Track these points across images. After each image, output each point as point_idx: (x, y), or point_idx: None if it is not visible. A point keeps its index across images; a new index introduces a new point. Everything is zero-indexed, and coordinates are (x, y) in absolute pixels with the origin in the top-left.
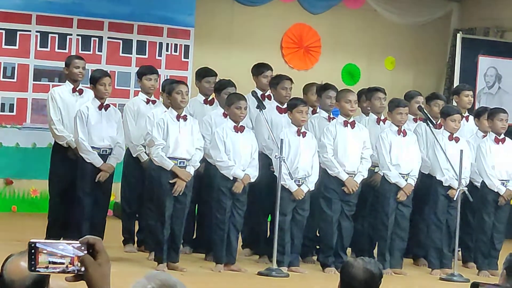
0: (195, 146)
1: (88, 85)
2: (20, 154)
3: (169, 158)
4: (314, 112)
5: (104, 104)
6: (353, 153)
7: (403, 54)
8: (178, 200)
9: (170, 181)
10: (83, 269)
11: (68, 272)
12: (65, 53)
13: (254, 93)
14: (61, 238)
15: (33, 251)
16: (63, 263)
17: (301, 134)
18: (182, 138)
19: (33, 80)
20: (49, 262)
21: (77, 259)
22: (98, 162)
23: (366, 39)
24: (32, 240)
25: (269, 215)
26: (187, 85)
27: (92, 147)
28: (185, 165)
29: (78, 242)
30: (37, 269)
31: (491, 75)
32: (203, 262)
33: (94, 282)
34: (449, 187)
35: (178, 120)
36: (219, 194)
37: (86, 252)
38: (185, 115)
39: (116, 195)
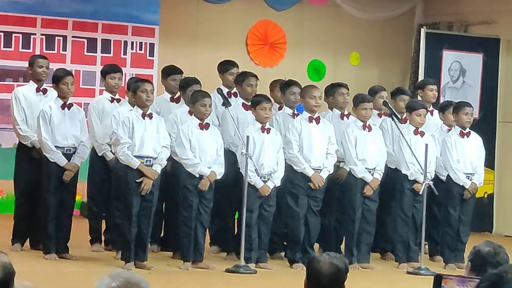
0: (162, 144)
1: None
2: None
3: (135, 156)
4: (280, 108)
5: (67, 103)
6: (318, 148)
7: (368, 49)
8: (145, 198)
9: (137, 180)
10: None
11: None
12: (30, 52)
13: (219, 90)
14: (28, 239)
15: None
16: None
17: (265, 131)
18: (148, 136)
19: None
20: None
21: None
22: (62, 161)
23: (331, 35)
24: None
25: (236, 212)
26: (152, 84)
27: (56, 147)
28: (151, 163)
29: None
30: None
31: (455, 70)
32: (171, 260)
33: None
34: (415, 181)
35: (144, 119)
36: (185, 191)
37: None
38: (150, 113)
39: (82, 194)
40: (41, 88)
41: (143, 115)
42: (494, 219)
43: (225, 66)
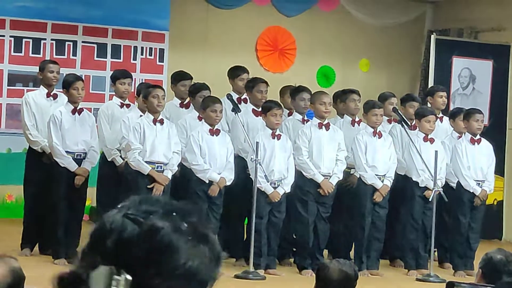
0: (173, 149)
1: (62, 90)
2: None
3: (146, 162)
4: (290, 114)
5: (78, 108)
6: (328, 155)
7: (377, 56)
8: None
9: (148, 186)
10: None
11: None
12: (40, 57)
13: (229, 96)
14: (37, 243)
15: None
16: None
17: (275, 137)
18: (159, 142)
19: (7, 85)
20: None
21: None
22: (72, 166)
23: (341, 41)
24: None
25: (246, 218)
26: (163, 89)
27: (66, 152)
28: (162, 169)
29: None
30: None
31: (465, 76)
32: None
33: None
34: (425, 188)
35: (155, 124)
36: (195, 197)
37: None
38: (161, 119)
39: (92, 199)
40: (51, 93)
41: (154, 121)
42: (503, 226)
43: (235, 72)
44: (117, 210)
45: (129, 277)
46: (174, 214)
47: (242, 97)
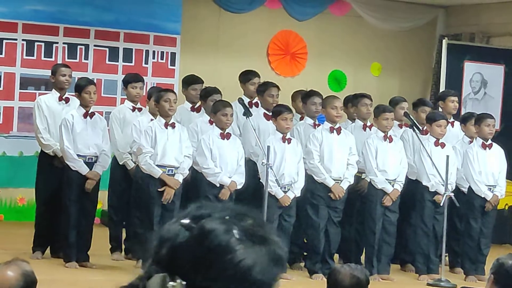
0: (184, 153)
1: (74, 93)
2: (6, 162)
3: (157, 166)
4: (302, 118)
5: (89, 112)
6: (339, 159)
7: (389, 60)
8: (167, 208)
9: (159, 189)
10: None
11: None
12: (52, 61)
13: (240, 100)
14: (48, 247)
15: None
16: None
17: (286, 141)
18: (170, 146)
19: (20, 89)
20: None
21: None
22: (84, 170)
23: (352, 45)
24: None
25: None
26: (175, 93)
27: (78, 155)
28: (173, 172)
29: None
30: None
31: (476, 81)
32: None
33: None
34: (436, 193)
35: (166, 128)
36: (206, 201)
37: None
38: (173, 122)
39: (103, 203)
40: (63, 97)
41: (166, 125)
42: None
43: (246, 76)
44: (175, 220)
45: (183, 282)
46: (227, 217)
47: (253, 101)
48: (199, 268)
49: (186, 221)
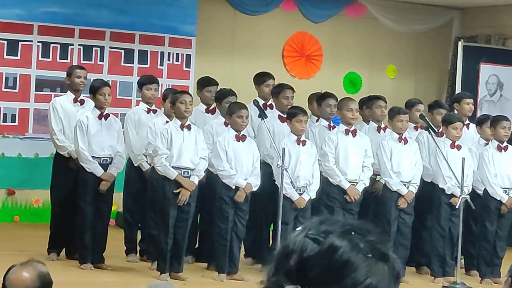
0: (200, 155)
1: (89, 95)
2: (22, 164)
3: (173, 167)
4: (318, 120)
5: (104, 114)
6: (354, 161)
7: (404, 62)
8: (182, 209)
9: (174, 191)
10: None
11: None
12: (67, 63)
13: (255, 102)
14: (64, 248)
15: None
16: None
17: (300, 143)
18: (186, 148)
19: (35, 90)
20: None
21: None
22: (98, 171)
23: (368, 47)
24: None
25: (271, 224)
26: (191, 95)
27: (93, 157)
28: (189, 174)
29: None
30: None
31: (492, 83)
32: (206, 271)
33: None
34: (452, 195)
35: (182, 130)
36: (221, 203)
37: None
38: (189, 124)
39: (118, 204)
40: (78, 99)
41: (182, 127)
42: None
43: (261, 78)
44: (299, 231)
45: None
46: (352, 233)
47: (267, 103)
48: (328, 283)
49: (313, 234)
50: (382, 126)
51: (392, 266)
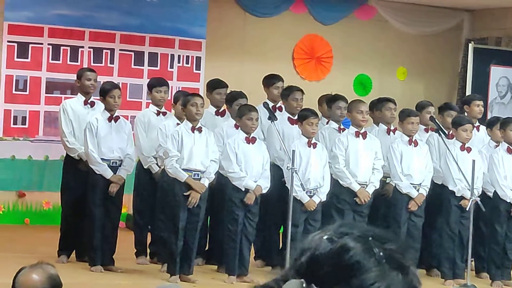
0: (210, 158)
1: (99, 97)
2: (32, 166)
3: (183, 169)
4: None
5: (114, 116)
6: (365, 163)
7: (414, 64)
8: (192, 212)
9: (185, 193)
10: None
11: None
12: (77, 65)
13: (265, 104)
14: (74, 250)
15: None
16: None
17: (311, 145)
18: (197, 150)
19: (45, 93)
20: None
21: None
22: (108, 173)
23: (378, 49)
24: None
25: (281, 226)
26: (202, 97)
27: (102, 159)
28: (199, 177)
29: None
30: None
31: (503, 85)
32: (216, 273)
33: None
34: (462, 197)
35: (193, 132)
36: (231, 205)
37: None
38: (200, 127)
39: (128, 207)
40: (89, 101)
41: (193, 129)
42: None
43: (270, 80)
44: (319, 232)
45: None
46: (370, 238)
47: (277, 105)
48: (336, 281)
49: (330, 235)
50: (392, 128)
51: (410, 280)
